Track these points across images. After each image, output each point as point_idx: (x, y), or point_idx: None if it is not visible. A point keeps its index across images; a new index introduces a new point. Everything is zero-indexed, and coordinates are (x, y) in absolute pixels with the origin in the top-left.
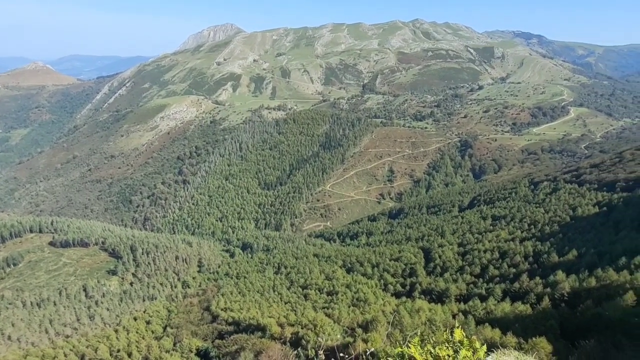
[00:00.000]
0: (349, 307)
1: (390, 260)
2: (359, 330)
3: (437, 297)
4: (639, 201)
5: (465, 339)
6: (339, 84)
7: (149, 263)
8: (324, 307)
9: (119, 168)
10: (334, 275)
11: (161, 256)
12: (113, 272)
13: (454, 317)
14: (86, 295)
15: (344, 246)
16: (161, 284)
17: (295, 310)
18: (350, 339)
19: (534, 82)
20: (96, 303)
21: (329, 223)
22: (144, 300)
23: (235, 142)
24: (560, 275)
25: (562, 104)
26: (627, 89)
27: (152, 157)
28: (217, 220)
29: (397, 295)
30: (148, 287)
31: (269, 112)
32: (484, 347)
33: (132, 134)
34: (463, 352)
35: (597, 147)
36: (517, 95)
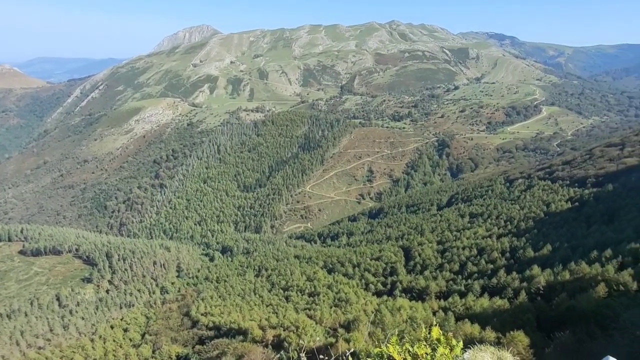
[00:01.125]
0: (331, 307)
1: (371, 260)
2: (341, 331)
3: (418, 295)
4: (608, 196)
5: (442, 337)
6: (317, 85)
7: (125, 269)
8: (305, 309)
9: (93, 173)
10: (315, 276)
11: (138, 262)
12: (88, 280)
13: (434, 314)
14: (60, 305)
15: (324, 247)
16: (139, 291)
17: (276, 313)
18: (333, 340)
19: (508, 82)
20: (70, 312)
21: (309, 224)
22: (121, 308)
23: (213, 144)
24: (535, 269)
25: (535, 103)
26: (595, 88)
27: (127, 161)
28: (195, 224)
29: (378, 294)
30: (125, 294)
31: (247, 114)
32: (461, 344)
33: (106, 137)
34: (440, 350)
35: (569, 145)
36: (491, 95)
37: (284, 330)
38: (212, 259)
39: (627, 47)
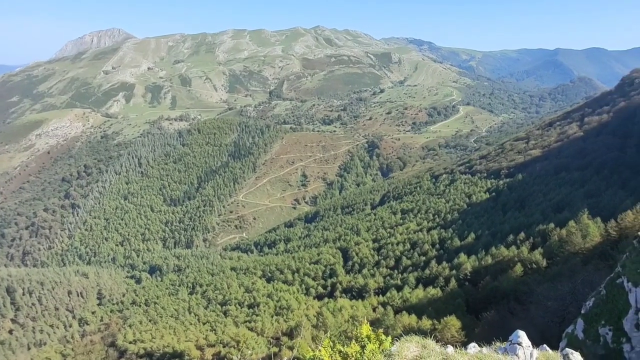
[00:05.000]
0: (272, 317)
1: (310, 264)
2: (285, 339)
3: (358, 294)
4: (519, 185)
5: (372, 333)
6: (245, 91)
7: (33, 304)
8: (246, 321)
9: None
10: (254, 287)
11: (49, 294)
12: None
13: (374, 310)
14: None
15: (262, 256)
16: (51, 326)
17: (215, 330)
18: (276, 349)
19: (428, 84)
20: None
21: (244, 234)
22: (29, 349)
23: (132, 157)
24: (462, 257)
25: (453, 103)
26: (503, 89)
27: (28, 181)
28: (117, 245)
29: (319, 297)
30: (34, 332)
31: (170, 123)
32: (389, 339)
33: None
34: (369, 347)
35: (484, 141)
36: (414, 97)
37: (223, 346)
38: (138, 281)
39: (526, 52)
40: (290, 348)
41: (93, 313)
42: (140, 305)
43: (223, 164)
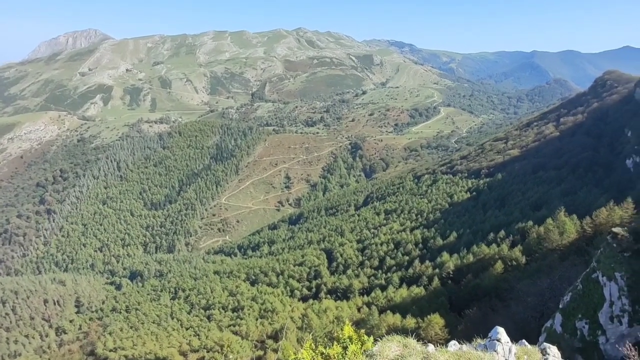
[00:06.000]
0: (257, 320)
1: (294, 266)
2: (270, 342)
3: (342, 294)
4: (498, 184)
5: (354, 334)
6: (227, 93)
7: (6, 314)
8: (230, 325)
9: None
10: (238, 290)
11: (23, 303)
12: None
13: (359, 310)
14: None
15: (246, 259)
16: (26, 336)
17: (198, 335)
18: (261, 352)
19: (409, 86)
20: None
21: (227, 237)
22: None
23: (111, 161)
24: (445, 256)
25: (434, 105)
26: (482, 90)
27: (0, 187)
28: (95, 251)
29: (304, 299)
30: (8, 343)
31: (150, 126)
32: (371, 339)
33: None
34: (351, 348)
35: (464, 141)
36: (396, 99)
37: (207, 351)
38: (119, 287)
39: (504, 54)
40: (275, 351)
41: (71, 321)
42: (120, 312)
43: (205, 166)
